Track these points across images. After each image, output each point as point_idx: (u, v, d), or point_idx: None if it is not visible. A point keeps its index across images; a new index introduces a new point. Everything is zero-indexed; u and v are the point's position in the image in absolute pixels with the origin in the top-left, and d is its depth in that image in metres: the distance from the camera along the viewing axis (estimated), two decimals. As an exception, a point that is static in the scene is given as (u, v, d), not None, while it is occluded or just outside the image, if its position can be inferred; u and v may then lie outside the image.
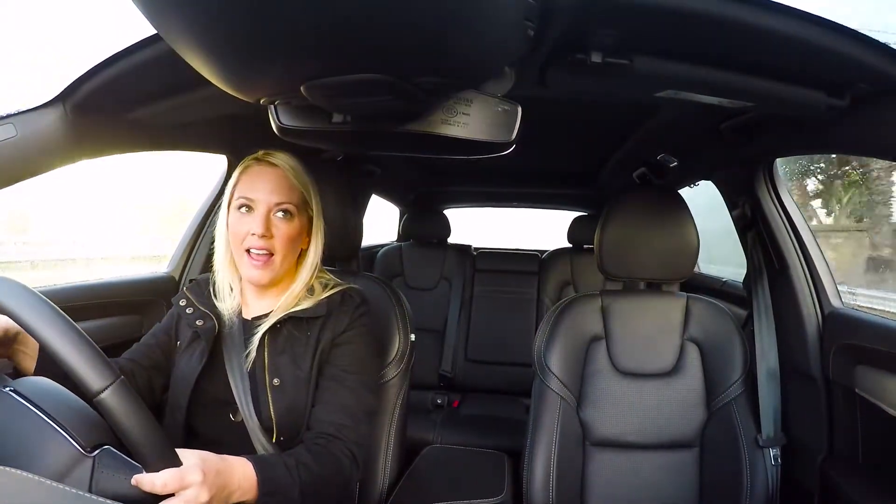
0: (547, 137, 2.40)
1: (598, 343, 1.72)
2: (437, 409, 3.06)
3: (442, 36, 0.58)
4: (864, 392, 1.42)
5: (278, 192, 1.25)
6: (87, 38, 22.75)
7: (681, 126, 1.81)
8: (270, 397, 1.23)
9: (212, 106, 1.27)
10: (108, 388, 0.78)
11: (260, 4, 0.49)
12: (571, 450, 1.64)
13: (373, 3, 0.50)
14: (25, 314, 0.79)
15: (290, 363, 1.27)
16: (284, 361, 1.27)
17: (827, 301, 1.62)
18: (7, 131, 1.18)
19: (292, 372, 1.26)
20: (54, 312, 0.81)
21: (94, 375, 0.78)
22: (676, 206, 1.69)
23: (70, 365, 0.78)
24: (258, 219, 1.23)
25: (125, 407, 0.78)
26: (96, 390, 0.77)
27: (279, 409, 1.23)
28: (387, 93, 0.67)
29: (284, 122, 0.90)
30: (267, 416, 1.22)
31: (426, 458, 1.69)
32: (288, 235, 1.27)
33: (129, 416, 0.78)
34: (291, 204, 1.26)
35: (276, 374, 1.25)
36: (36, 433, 0.79)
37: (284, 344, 1.28)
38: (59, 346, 0.78)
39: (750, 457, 1.57)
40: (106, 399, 0.77)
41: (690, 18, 0.81)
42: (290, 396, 1.24)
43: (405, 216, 3.85)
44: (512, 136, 0.87)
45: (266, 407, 1.23)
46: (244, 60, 0.62)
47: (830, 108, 1.06)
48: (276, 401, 1.23)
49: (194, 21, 0.55)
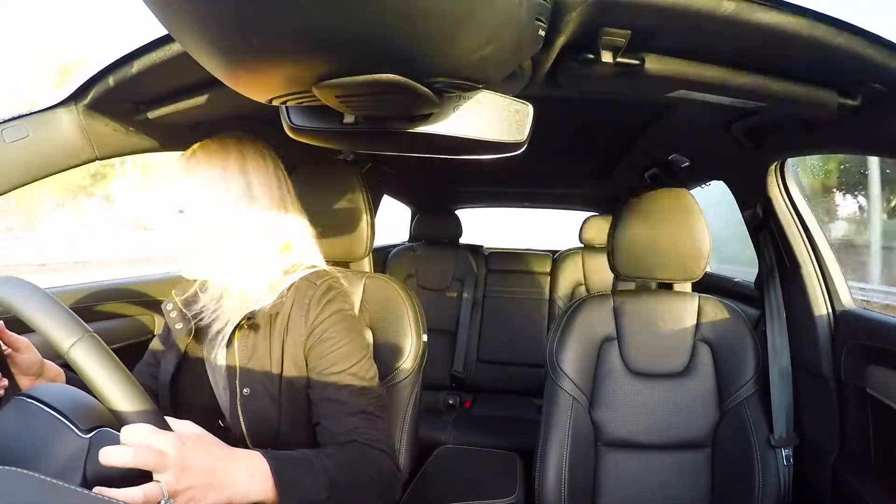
0: (558, 137, 2.40)
1: (610, 343, 1.72)
2: (449, 410, 3.07)
3: (454, 36, 0.58)
4: (876, 392, 1.42)
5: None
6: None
7: (692, 126, 1.81)
8: (240, 408, 1.14)
9: (223, 106, 1.28)
10: (77, 343, 0.77)
11: (271, 5, 0.50)
12: (583, 450, 1.64)
13: (385, 3, 0.50)
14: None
15: (259, 370, 1.17)
16: (253, 367, 1.17)
17: (839, 301, 1.61)
18: (19, 132, 1.19)
19: (261, 381, 1.16)
20: (19, 281, 0.82)
21: (62, 332, 0.78)
22: (688, 206, 1.69)
23: (39, 326, 0.78)
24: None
25: (94, 359, 0.77)
26: (66, 347, 0.77)
27: (250, 420, 1.14)
28: (398, 93, 0.68)
29: (296, 123, 0.90)
30: (238, 431, 1.13)
31: (438, 458, 1.70)
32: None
33: (98, 369, 0.77)
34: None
35: (247, 384, 1.15)
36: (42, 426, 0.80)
37: (253, 348, 1.18)
38: (28, 309, 0.78)
39: (762, 457, 1.57)
40: (74, 353, 0.77)
41: (702, 18, 0.81)
42: (261, 406, 1.14)
43: (417, 216, 3.86)
44: (524, 137, 0.87)
45: (235, 418, 1.14)
46: (255, 61, 0.62)
47: (843, 107, 1.06)
48: (246, 412, 1.14)
49: (205, 21, 0.55)
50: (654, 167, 2.56)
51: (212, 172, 1.19)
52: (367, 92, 0.66)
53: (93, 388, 0.78)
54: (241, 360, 1.17)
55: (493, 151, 0.90)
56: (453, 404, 3.11)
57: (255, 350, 1.18)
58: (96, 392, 0.78)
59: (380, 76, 0.62)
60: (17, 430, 0.80)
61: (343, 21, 0.51)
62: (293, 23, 0.52)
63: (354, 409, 1.13)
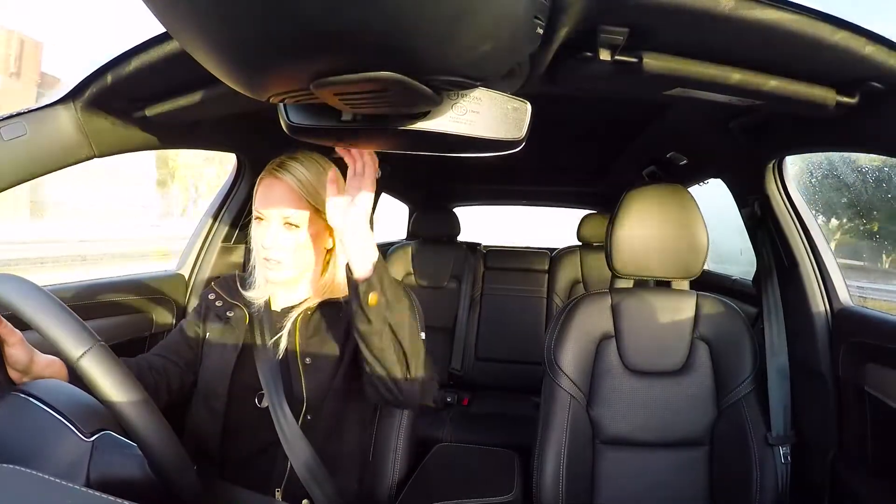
0: (556, 135, 2.40)
1: (608, 341, 1.72)
2: (447, 407, 3.07)
3: (452, 34, 0.58)
4: (874, 390, 1.42)
5: (284, 207, 1.30)
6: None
7: (690, 124, 1.81)
8: (303, 375, 1.30)
9: (221, 104, 1.28)
10: (87, 353, 0.78)
11: (269, 2, 0.49)
12: (581, 448, 1.64)
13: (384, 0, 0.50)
14: (4, 293, 0.80)
15: (322, 343, 1.34)
16: (316, 342, 1.34)
17: (836, 298, 1.61)
18: (17, 129, 1.19)
19: (323, 350, 1.33)
20: (33, 288, 0.82)
21: (72, 342, 0.78)
22: (686, 203, 1.69)
23: (48, 333, 0.79)
24: (267, 231, 1.31)
25: (104, 370, 0.79)
26: (76, 357, 0.78)
27: (310, 386, 1.29)
28: (397, 91, 0.67)
29: (294, 121, 0.90)
30: (298, 392, 1.29)
31: (436, 455, 1.70)
32: (295, 245, 1.32)
33: (108, 379, 0.78)
34: (297, 216, 1.31)
35: (308, 354, 1.32)
36: (42, 426, 0.80)
37: (316, 328, 1.35)
38: (38, 317, 0.79)
39: (760, 454, 1.57)
40: (84, 364, 0.78)
41: (701, 16, 0.81)
42: (323, 373, 1.31)
43: (414, 214, 3.86)
44: (522, 134, 0.87)
45: (298, 384, 1.29)
46: (253, 59, 0.62)
47: (841, 106, 1.06)
48: (309, 378, 1.30)
49: (203, 19, 0.55)
50: (652, 165, 2.57)
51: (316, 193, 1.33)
52: (365, 89, 0.66)
53: (103, 400, 0.79)
54: (302, 338, 1.34)
55: (492, 149, 0.89)
56: (451, 402, 3.10)
57: (321, 329, 1.36)
58: (106, 404, 0.79)
59: (378, 74, 0.61)
60: (14, 429, 0.80)
61: (342, 18, 0.51)
62: (291, 20, 0.51)
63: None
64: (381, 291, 1.14)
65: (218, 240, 2.05)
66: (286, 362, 1.32)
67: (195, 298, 1.98)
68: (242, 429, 1.30)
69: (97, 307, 1.66)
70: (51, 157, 1.27)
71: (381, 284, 1.14)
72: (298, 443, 1.25)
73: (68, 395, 0.87)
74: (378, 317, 1.14)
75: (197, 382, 1.38)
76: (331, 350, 1.33)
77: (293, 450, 1.24)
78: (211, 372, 1.35)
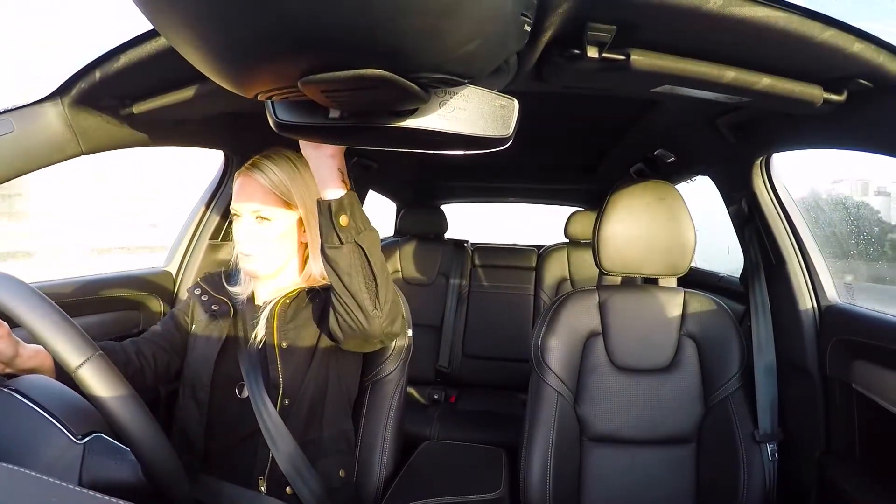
0: (544, 132, 2.40)
1: (595, 338, 1.72)
2: (434, 405, 3.07)
3: (440, 31, 0.57)
4: (861, 387, 1.42)
5: (254, 202, 1.35)
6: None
7: (678, 121, 1.81)
8: (279, 360, 1.33)
9: (209, 101, 1.27)
10: (86, 363, 0.78)
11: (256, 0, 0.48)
12: (568, 445, 1.64)
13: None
14: (4, 298, 0.79)
15: (299, 328, 1.37)
16: (292, 327, 1.37)
17: (824, 296, 1.61)
18: (4, 126, 1.19)
19: (300, 334, 1.37)
20: (33, 294, 0.81)
21: (71, 351, 0.79)
22: (673, 200, 1.69)
23: (45, 340, 0.78)
24: (240, 227, 1.37)
25: (103, 380, 0.79)
26: (74, 365, 0.78)
27: (287, 370, 1.32)
28: (384, 88, 0.67)
29: (281, 118, 0.89)
30: (275, 378, 1.31)
31: (423, 453, 1.69)
32: (266, 238, 1.37)
33: (106, 389, 0.79)
34: (268, 210, 1.36)
35: (285, 339, 1.36)
36: (31, 426, 0.79)
37: (294, 314, 1.39)
38: (38, 325, 0.78)
39: (747, 452, 1.58)
40: (82, 373, 0.78)
41: (689, 13, 0.81)
42: (299, 356, 1.35)
43: (402, 211, 3.85)
44: (509, 132, 0.86)
45: (275, 370, 1.32)
46: (240, 56, 0.61)
47: (828, 103, 1.06)
48: (285, 363, 1.33)
49: (191, 17, 0.54)
50: (640, 162, 2.57)
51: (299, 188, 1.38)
52: (352, 87, 0.65)
53: (101, 410, 0.80)
54: (280, 325, 1.37)
55: (479, 146, 0.89)
56: (438, 399, 3.10)
57: (297, 315, 1.39)
58: (105, 414, 0.80)
59: (365, 71, 0.61)
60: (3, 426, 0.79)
61: (328, 16, 0.50)
62: (278, 18, 0.51)
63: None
64: (351, 215, 1.15)
65: (205, 237, 2.04)
66: (265, 351, 1.36)
67: (183, 295, 1.98)
68: (225, 419, 1.33)
69: (85, 304, 1.65)
70: (38, 154, 1.26)
71: (352, 209, 1.16)
72: (279, 430, 1.28)
73: (59, 396, 0.86)
74: (348, 237, 1.15)
75: (183, 369, 1.42)
76: (308, 334, 1.37)
77: (274, 438, 1.27)
78: (196, 363, 1.38)
